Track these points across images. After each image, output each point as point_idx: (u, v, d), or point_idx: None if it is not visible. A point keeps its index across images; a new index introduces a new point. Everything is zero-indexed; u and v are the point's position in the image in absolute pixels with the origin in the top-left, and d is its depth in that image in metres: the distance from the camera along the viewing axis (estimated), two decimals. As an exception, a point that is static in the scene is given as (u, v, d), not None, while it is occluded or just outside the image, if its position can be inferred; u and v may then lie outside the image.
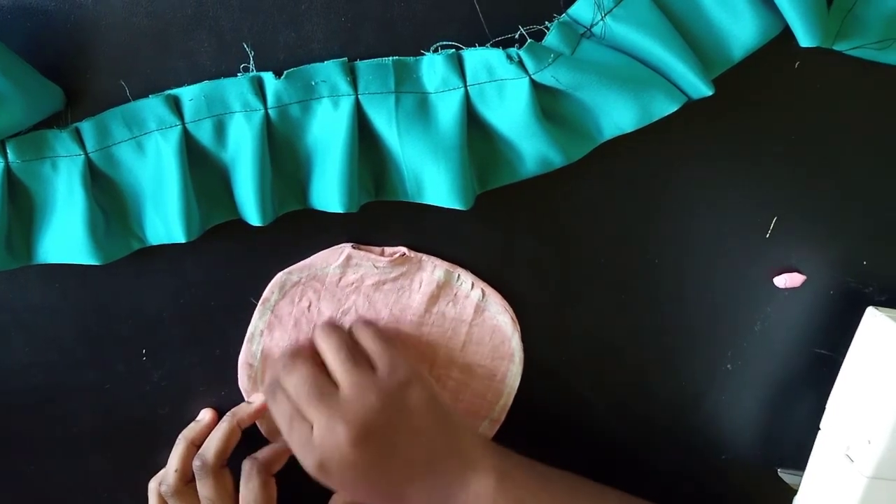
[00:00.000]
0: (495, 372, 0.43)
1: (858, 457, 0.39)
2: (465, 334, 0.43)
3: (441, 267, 0.41)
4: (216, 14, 0.35)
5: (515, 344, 0.43)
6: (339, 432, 0.36)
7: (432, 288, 0.41)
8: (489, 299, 0.42)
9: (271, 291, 0.41)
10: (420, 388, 0.38)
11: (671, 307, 0.43)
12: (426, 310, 0.42)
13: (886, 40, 0.35)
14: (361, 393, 0.37)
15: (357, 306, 0.42)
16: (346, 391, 0.37)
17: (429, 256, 0.41)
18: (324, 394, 0.37)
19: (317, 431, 0.37)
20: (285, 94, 0.35)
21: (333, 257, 0.40)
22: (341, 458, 0.36)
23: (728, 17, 0.35)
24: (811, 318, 0.43)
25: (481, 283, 0.41)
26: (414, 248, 0.41)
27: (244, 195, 0.37)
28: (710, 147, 0.39)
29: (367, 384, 0.37)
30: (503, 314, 0.42)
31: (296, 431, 0.38)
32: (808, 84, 0.38)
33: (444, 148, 0.35)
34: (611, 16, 0.35)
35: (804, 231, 0.41)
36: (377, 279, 0.41)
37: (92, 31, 0.35)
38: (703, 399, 0.45)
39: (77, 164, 0.36)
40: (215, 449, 0.41)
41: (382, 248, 0.41)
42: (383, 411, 0.37)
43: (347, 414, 0.36)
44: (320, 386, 0.38)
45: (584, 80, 0.34)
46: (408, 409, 0.38)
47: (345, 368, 0.38)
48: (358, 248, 0.40)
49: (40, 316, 0.41)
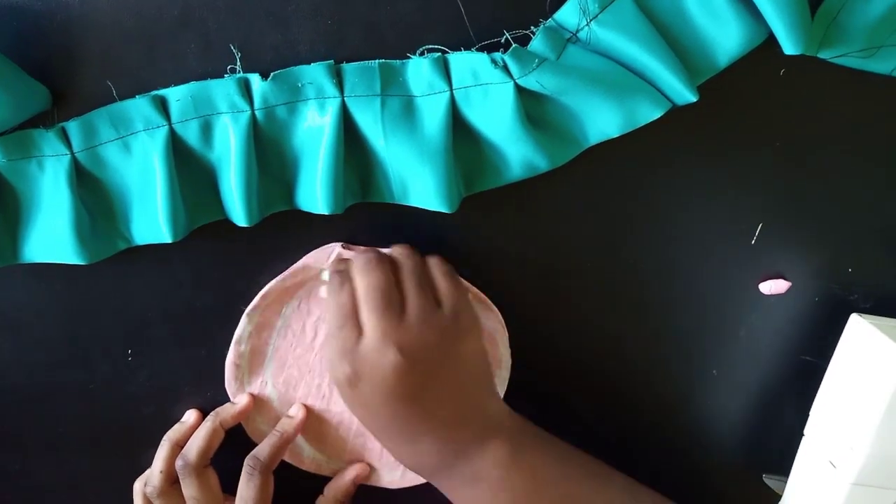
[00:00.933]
0: (499, 366, 0.43)
1: (841, 463, 0.39)
2: None
3: None
4: (203, 15, 0.35)
5: (504, 350, 0.43)
6: (389, 354, 0.35)
7: None
8: (478, 304, 0.42)
9: (263, 298, 0.41)
10: (476, 340, 0.38)
11: (656, 313, 0.43)
12: None
13: (870, 49, 0.36)
14: (424, 324, 0.36)
15: None
16: (412, 317, 0.36)
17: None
18: (390, 309, 0.36)
19: (367, 343, 0.35)
20: (272, 95, 0.35)
21: (324, 257, 0.40)
22: (377, 381, 0.35)
23: (713, 24, 0.35)
24: (796, 325, 0.43)
25: (472, 289, 0.41)
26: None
27: (230, 196, 0.37)
28: (695, 153, 0.40)
29: (431, 317, 0.36)
30: (492, 320, 0.42)
31: (344, 334, 0.36)
32: (793, 91, 0.38)
33: (429, 151, 0.36)
34: (596, 21, 0.35)
35: (789, 238, 0.41)
36: None
37: (79, 31, 0.35)
38: (688, 404, 0.45)
39: (63, 163, 0.36)
40: (198, 449, 0.41)
41: (370, 248, 0.40)
42: (437, 351, 0.36)
43: (403, 339, 0.35)
44: (391, 300, 0.36)
45: (568, 86, 0.34)
46: (459, 358, 0.37)
47: (416, 293, 0.36)
48: (348, 247, 0.40)
49: (26, 316, 0.41)
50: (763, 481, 0.46)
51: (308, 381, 0.43)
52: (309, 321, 0.42)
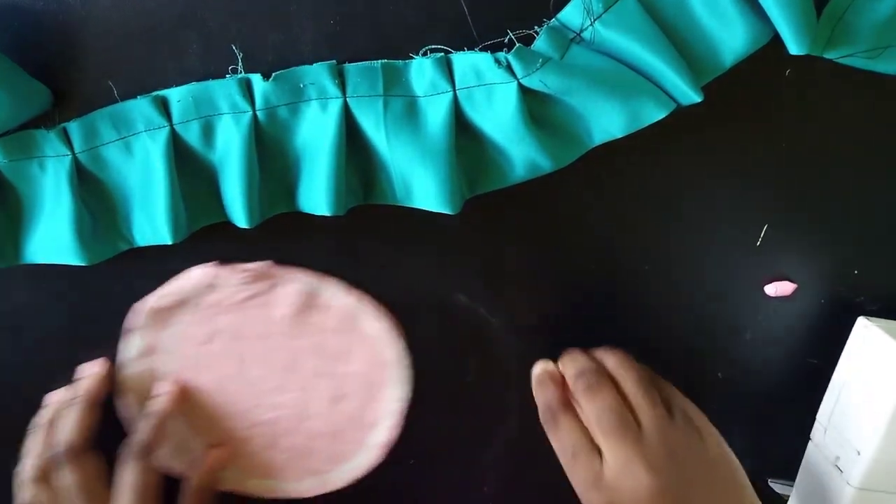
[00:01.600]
0: (374, 380, 0.43)
1: (848, 468, 0.39)
2: (343, 345, 0.42)
3: (310, 279, 0.40)
4: (205, 15, 0.35)
5: (396, 351, 0.42)
6: (641, 477, 0.33)
7: (300, 300, 0.40)
8: (364, 307, 0.41)
9: (140, 318, 0.40)
10: (717, 439, 0.36)
11: (661, 315, 0.43)
12: (299, 322, 0.41)
13: (877, 49, 0.35)
14: (666, 437, 0.34)
15: (229, 324, 0.41)
16: (650, 432, 0.34)
17: (295, 269, 0.40)
18: (628, 429, 0.34)
19: (613, 469, 0.34)
20: (273, 96, 0.35)
21: (198, 279, 0.40)
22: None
23: (718, 24, 0.35)
24: (802, 327, 0.43)
25: (354, 292, 0.40)
26: (400, 253, 0.41)
27: (232, 197, 0.36)
28: (701, 154, 0.39)
29: (669, 428, 0.35)
30: (380, 321, 0.41)
31: (584, 464, 0.35)
32: (799, 92, 0.38)
33: (432, 152, 0.35)
34: (600, 21, 0.34)
35: (795, 240, 0.41)
36: (242, 296, 0.40)
37: (80, 31, 0.35)
38: (693, 407, 0.45)
39: (64, 164, 0.36)
40: (66, 434, 0.38)
41: (244, 264, 0.40)
42: (687, 462, 0.34)
43: (650, 456, 0.34)
44: (626, 419, 0.35)
45: (572, 86, 0.34)
46: (707, 462, 0.35)
47: (649, 405, 0.35)
48: (222, 266, 0.39)
49: (27, 316, 0.41)
50: (768, 486, 0.46)
51: (203, 405, 0.42)
52: (193, 344, 0.41)
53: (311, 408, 0.43)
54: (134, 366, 0.41)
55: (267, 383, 0.42)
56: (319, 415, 0.43)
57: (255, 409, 0.42)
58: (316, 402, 0.42)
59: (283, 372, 0.42)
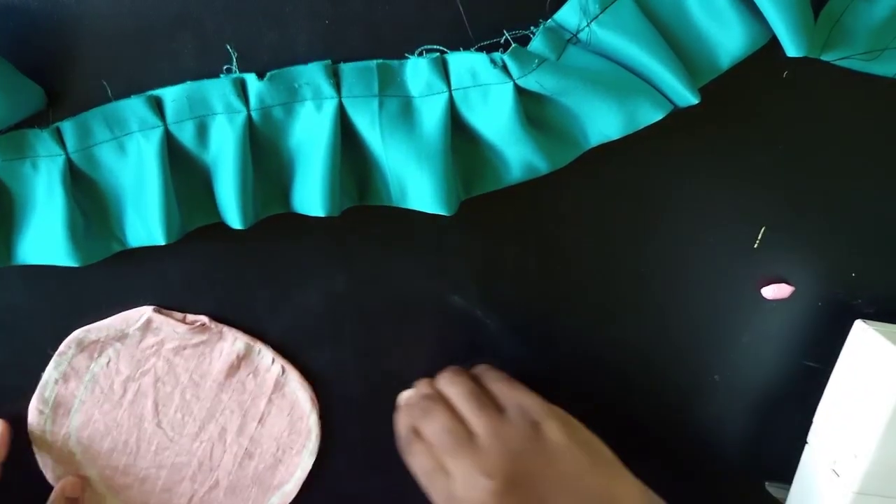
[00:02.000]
0: (291, 446, 0.44)
1: (845, 471, 0.39)
2: (264, 407, 0.43)
3: (242, 339, 0.41)
4: (199, 15, 0.35)
5: (313, 421, 0.43)
6: (482, 484, 0.34)
7: (232, 358, 0.42)
8: (289, 375, 0.42)
9: (68, 346, 0.41)
10: (558, 425, 0.37)
11: (658, 317, 0.43)
12: (226, 378, 0.42)
13: (874, 51, 0.35)
14: (498, 439, 0.35)
15: (157, 368, 0.42)
16: (484, 438, 0.36)
17: (230, 328, 0.41)
18: (463, 443, 0.36)
19: (459, 484, 0.35)
20: (268, 95, 0.35)
21: (133, 319, 0.40)
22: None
23: (715, 26, 0.35)
24: (799, 330, 0.43)
25: (281, 360, 0.42)
26: (395, 254, 0.40)
27: (225, 198, 0.36)
28: (698, 156, 0.39)
29: (502, 429, 0.36)
30: (302, 391, 0.43)
31: (438, 485, 0.36)
32: (797, 94, 0.38)
33: (427, 153, 0.35)
34: (597, 22, 0.34)
35: (792, 242, 0.41)
36: (178, 344, 0.41)
37: (74, 30, 0.35)
38: (689, 410, 0.45)
39: (57, 164, 0.35)
40: None
41: (185, 314, 0.41)
42: (523, 456, 0.35)
43: (488, 463, 0.35)
44: (459, 434, 0.36)
45: (569, 87, 0.34)
46: (549, 451, 0.36)
47: (478, 414, 0.36)
48: (159, 312, 0.40)
49: (19, 317, 0.40)
50: (765, 489, 0.46)
51: (115, 436, 0.43)
52: (118, 380, 0.42)
53: (219, 461, 0.44)
54: (52, 390, 0.41)
55: (184, 429, 0.43)
56: (225, 469, 0.44)
57: (164, 451, 0.44)
58: (225, 456, 0.44)
59: (202, 422, 0.43)
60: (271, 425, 0.44)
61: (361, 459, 0.45)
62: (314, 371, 0.43)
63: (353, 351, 0.43)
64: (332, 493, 0.45)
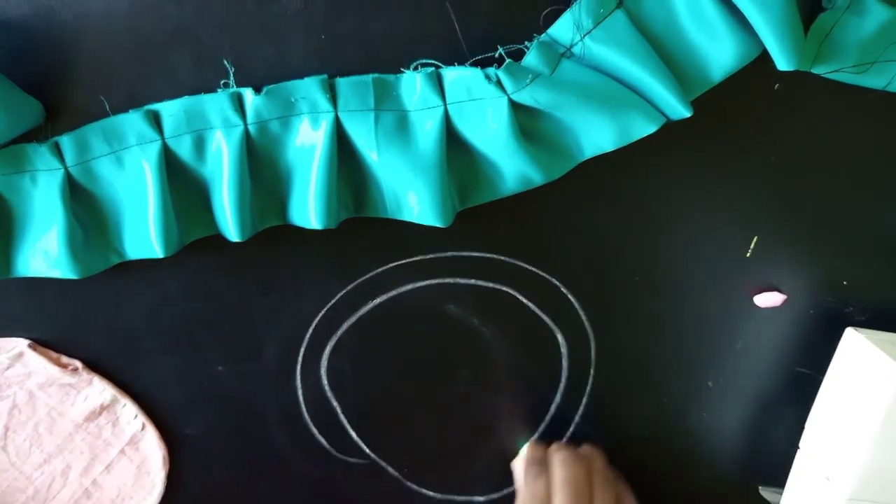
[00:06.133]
0: (132, 496, 0.44)
1: (836, 478, 0.39)
2: (115, 455, 0.44)
3: (110, 390, 0.42)
4: (197, 30, 0.35)
5: (159, 479, 0.44)
6: None
7: (96, 405, 0.42)
8: (147, 433, 0.43)
9: None
10: None
11: (651, 325, 0.43)
12: (85, 420, 0.42)
13: (863, 64, 0.35)
14: None
15: (17, 396, 0.42)
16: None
17: (101, 378, 0.42)
18: (581, 501, 0.38)
19: None
20: (265, 110, 0.35)
21: (5, 348, 0.41)
22: None
23: (707, 39, 0.35)
24: (791, 337, 0.43)
25: (143, 417, 0.43)
26: (391, 264, 0.41)
27: (223, 211, 0.37)
28: (691, 167, 0.40)
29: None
30: (157, 450, 0.43)
31: None
32: (788, 105, 0.38)
33: (423, 166, 0.36)
34: (590, 36, 0.35)
35: (784, 251, 0.41)
36: (44, 380, 0.41)
37: (72, 45, 0.35)
38: (684, 416, 0.45)
39: (56, 178, 0.36)
40: None
41: (60, 355, 0.41)
42: None
43: None
44: (582, 495, 0.38)
45: (563, 101, 0.34)
46: None
47: (603, 490, 0.39)
48: (34, 349, 0.41)
49: (18, 329, 0.41)
50: (759, 493, 0.46)
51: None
52: None
53: (56, 494, 0.44)
54: None
55: (28, 457, 0.43)
56: (60, 503, 0.44)
57: (3, 472, 0.44)
58: (63, 491, 0.44)
59: (49, 454, 0.43)
60: (117, 473, 0.44)
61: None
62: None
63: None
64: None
